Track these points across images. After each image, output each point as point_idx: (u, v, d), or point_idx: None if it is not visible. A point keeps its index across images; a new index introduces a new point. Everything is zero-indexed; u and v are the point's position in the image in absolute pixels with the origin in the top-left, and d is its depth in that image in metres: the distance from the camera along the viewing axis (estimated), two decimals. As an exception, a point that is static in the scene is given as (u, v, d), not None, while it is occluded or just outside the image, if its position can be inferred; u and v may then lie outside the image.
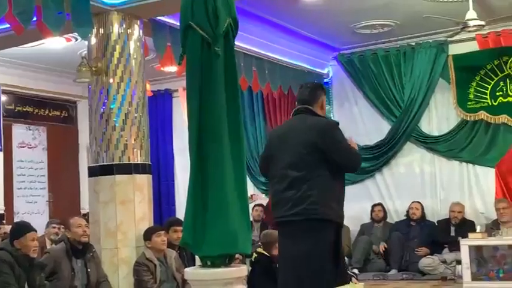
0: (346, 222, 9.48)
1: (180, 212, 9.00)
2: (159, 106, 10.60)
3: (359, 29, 8.36)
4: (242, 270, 3.54)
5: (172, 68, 8.09)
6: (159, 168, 10.45)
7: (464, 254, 7.22)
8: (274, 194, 4.31)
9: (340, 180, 4.26)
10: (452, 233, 8.24)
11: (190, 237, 3.50)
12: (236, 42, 3.74)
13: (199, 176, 3.49)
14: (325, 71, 9.50)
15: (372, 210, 8.91)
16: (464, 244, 7.28)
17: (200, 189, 3.48)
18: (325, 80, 9.55)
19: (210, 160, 3.48)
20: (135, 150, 6.02)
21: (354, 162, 4.28)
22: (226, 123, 3.51)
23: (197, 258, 4.26)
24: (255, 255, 6.39)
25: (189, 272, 3.60)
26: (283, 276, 4.24)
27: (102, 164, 5.99)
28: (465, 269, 7.13)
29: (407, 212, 8.57)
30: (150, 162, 6.23)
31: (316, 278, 4.06)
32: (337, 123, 4.37)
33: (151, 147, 6.57)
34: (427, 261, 8.04)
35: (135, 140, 6.03)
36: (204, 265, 3.52)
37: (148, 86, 7.29)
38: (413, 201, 8.59)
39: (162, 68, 8.25)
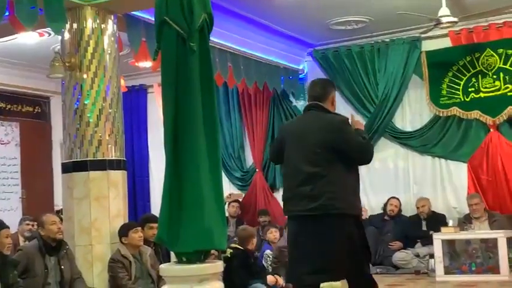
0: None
1: (155, 209, 8.97)
2: (133, 102, 10.54)
3: (334, 25, 8.40)
4: (218, 266, 3.54)
5: (147, 64, 8.05)
6: (134, 165, 10.40)
7: (437, 248, 7.33)
8: (288, 189, 4.39)
9: (355, 172, 4.38)
10: (424, 228, 8.33)
11: (166, 234, 3.49)
12: (211, 38, 3.73)
13: (174, 172, 3.48)
14: (300, 67, 9.53)
15: (347, 206, 8.95)
16: (437, 238, 7.39)
17: (176, 185, 3.48)
18: (300, 76, 9.58)
19: (186, 156, 3.47)
20: (109, 146, 5.98)
21: (367, 155, 4.37)
22: (202, 119, 3.51)
23: (172, 254, 4.26)
24: (230, 250, 6.41)
25: (164, 268, 3.59)
26: (299, 269, 4.28)
27: (76, 160, 5.93)
28: (438, 263, 7.24)
29: (385, 207, 8.64)
30: (124, 158, 6.19)
31: (334, 270, 4.18)
32: (347, 119, 4.46)
33: (126, 143, 6.52)
34: (401, 256, 8.13)
35: (109, 136, 5.99)
36: (179, 261, 3.51)
37: (122, 82, 7.24)
38: (392, 197, 8.65)
39: (136, 64, 8.21)
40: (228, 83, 8.55)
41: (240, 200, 9.55)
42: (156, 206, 9.14)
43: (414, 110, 8.97)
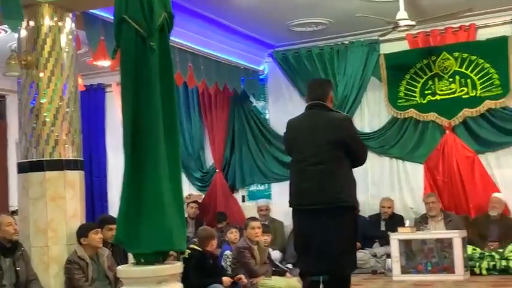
0: (280, 217, 9.63)
1: (113, 209, 8.86)
2: (91, 101, 10.40)
3: (294, 26, 8.45)
4: (177, 267, 3.52)
5: (106, 63, 7.96)
6: (92, 165, 10.27)
7: (394, 248, 7.43)
8: (297, 184, 4.62)
9: (352, 171, 4.68)
10: (383, 228, 8.44)
11: (124, 235, 3.46)
12: (171, 37, 3.71)
13: (133, 172, 3.45)
14: (260, 68, 9.55)
15: (306, 206, 9.00)
16: (394, 238, 7.49)
17: (134, 185, 3.44)
18: (260, 77, 9.61)
19: (145, 156, 3.44)
20: (66, 146, 5.89)
21: (366, 154, 4.79)
22: (162, 119, 3.48)
23: (130, 255, 4.22)
24: (188, 251, 6.38)
25: (122, 270, 3.55)
26: (308, 259, 4.59)
27: (32, 160, 5.83)
28: (395, 263, 7.33)
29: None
30: (82, 158, 6.11)
31: (343, 259, 4.50)
32: (351, 117, 4.75)
33: (84, 143, 6.43)
34: (358, 255, 8.13)
35: (66, 135, 5.90)
36: (137, 263, 3.48)
37: (80, 81, 7.13)
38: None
39: (95, 62, 8.10)
40: (188, 83, 8.51)
41: (199, 201, 9.51)
42: (114, 206, 9.04)
43: (373, 112, 9.08)
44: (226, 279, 6.23)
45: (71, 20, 6.07)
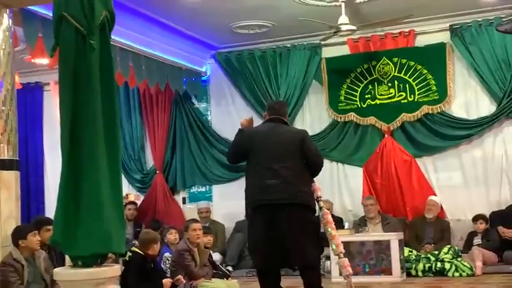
0: (221, 219, 9.61)
1: (50, 211, 8.66)
2: (28, 100, 10.13)
3: (237, 28, 8.46)
4: (115, 269, 3.47)
5: (44, 60, 7.77)
6: (28, 165, 10.00)
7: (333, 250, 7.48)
8: (260, 182, 5.05)
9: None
10: (322, 230, 8.49)
11: (61, 236, 3.39)
12: (112, 36, 3.65)
13: (71, 173, 3.38)
14: (203, 69, 9.52)
15: (247, 208, 9.01)
16: (334, 240, 7.55)
17: (72, 186, 3.37)
18: (202, 78, 9.57)
19: (84, 156, 3.38)
20: (2, 145, 5.73)
21: (322, 163, 5.37)
22: (101, 119, 3.43)
23: (67, 257, 4.13)
24: (129, 254, 6.29)
25: (59, 273, 3.47)
26: (268, 252, 5.03)
27: (-35, 159, 5.64)
28: (334, 265, 7.40)
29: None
30: (18, 158, 5.94)
31: (305, 251, 5.08)
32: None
33: (20, 142, 6.26)
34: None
35: (2, 134, 5.73)
36: (74, 265, 3.41)
37: (17, 78, 6.94)
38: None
39: (32, 60, 7.89)
40: (129, 83, 8.40)
41: (138, 202, 9.38)
42: (51, 208, 8.82)
43: (314, 115, 9.17)
44: (166, 282, 6.17)
45: (8, 16, 5.91)
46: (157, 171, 9.60)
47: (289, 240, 5.00)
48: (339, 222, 8.30)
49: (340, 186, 8.96)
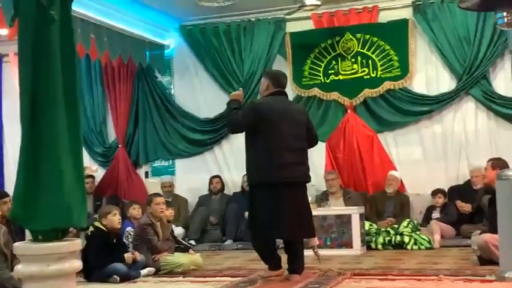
0: (184, 193, 9.59)
1: (9, 184, 8.54)
2: (-14, 71, 9.91)
3: (201, 1, 8.32)
4: (76, 244, 3.44)
5: (3, 31, 7.58)
6: (-14, 137, 9.81)
7: (296, 224, 7.54)
8: (281, 160, 5.34)
9: None
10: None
11: (21, 210, 3.34)
12: (74, 8, 3.58)
13: (31, 146, 3.33)
14: (166, 42, 9.41)
15: (210, 182, 9.03)
16: (296, 214, 7.61)
17: (32, 159, 3.32)
18: (166, 51, 9.47)
19: (44, 129, 3.33)
20: (-42, 117, 5.60)
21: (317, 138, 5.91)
22: (62, 91, 3.37)
23: (28, 232, 4.08)
24: (91, 228, 6.25)
25: (19, 247, 3.43)
26: (288, 220, 5.42)
27: None
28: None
29: (243, 184, 8.77)
30: (-24, 131, 5.82)
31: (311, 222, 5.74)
32: None
33: (-22, 114, 6.13)
34: (261, 231, 8.31)
35: (-41, 106, 5.60)
36: (35, 239, 3.38)
37: (-26, 49, 6.77)
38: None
39: (-9, 30, 7.70)
40: (91, 55, 8.27)
41: (94, 174, 9.28)
42: (10, 181, 8.69)
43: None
44: (128, 256, 6.16)
45: (-35, -16, 5.73)
46: (120, 145, 9.52)
47: (303, 214, 5.54)
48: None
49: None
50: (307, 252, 5.89)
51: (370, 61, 8.62)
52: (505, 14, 4.91)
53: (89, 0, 7.15)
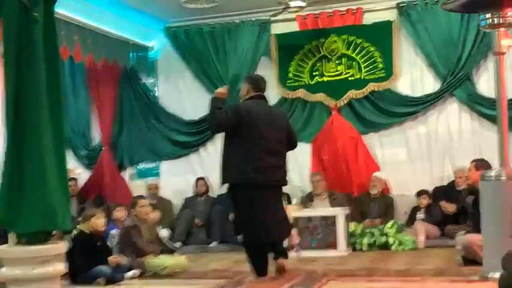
0: (169, 196, 9.55)
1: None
2: (-31, 73, 9.81)
3: (185, 3, 8.34)
4: (60, 247, 3.43)
5: (-14, 33, 7.52)
6: (-31, 140, 9.70)
7: (281, 225, 7.55)
8: (264, 163, 5.46)
9: None
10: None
11: (5, 212, 3.33)
12: (57, 9, 3.57)
13: (15, 148, 3.31)
14: (151, 44, 9.38)
15: (195, 185, 9.02)
16: (282, 216, 7.62)
17: (16, 161, 3.31)
18: (150, 53, 9.44)
19: (28, 131, 3.31)
20: None
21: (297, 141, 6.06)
22: (46, 93, 3.36)
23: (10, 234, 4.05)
24: (75, 231, 6.22)
25: (3, 250, 3.41)
26: (269, 221, 5.52)
27: None
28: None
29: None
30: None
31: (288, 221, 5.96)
32: None
33: (-40, 117, 6.07)
34: (247, 233, 8.30)
35: None
36: (19, 242, 3.35)
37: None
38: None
39: (-27, 32, 7.63)
40: (75, 57, 8.22)
41: (76, 177, 9.22)
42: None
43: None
44: (111, 260, 6.13)
45: None
46: (104, 147, 9.47)
47: (282, 215, 5.74)
48: (286, 198, 8.39)
49: (288, 162, 8.98)
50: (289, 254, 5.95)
51: (354, 63, 8.65)
52: (488, 15, 4.94)
53: (72, 2, 7.11)
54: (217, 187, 9.04)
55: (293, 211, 7.51)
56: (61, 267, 3.39)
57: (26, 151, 3.32)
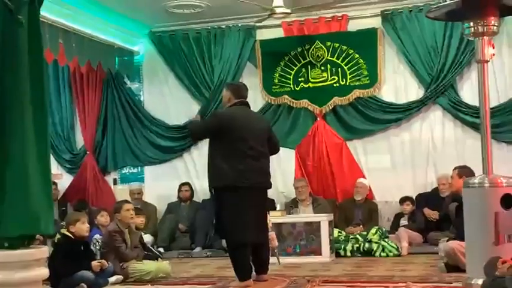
0: (153, 201, 9.51)
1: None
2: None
3: (171, 8, 8.34)
4: (43, 251, 3.40)
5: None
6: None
7: (265, 231, 7.54)
8: (250, 165, 5.52)
9: None
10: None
11: (-14, 217, 3.28)
12: (42, 13, 3.55)
13: (-3, 152, 3.28)
14: (135, 48, 9.36)
15: (179, 190, 8.99)
16: (266, 222, 7.61)
17: (-1, 166, 3.27)
18: (135, 58, 9.41)
19: (10, 135, 3.28)
20: None
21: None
22: (29, 96, 3.34)
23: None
24: (58, 236, 6.17)
25: (-16, 255, 3.36)
26: (251, 222, 5.55)
27: None
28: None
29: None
30: None
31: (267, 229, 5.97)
32: None
33: None
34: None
35: None
36: (1, 246, 3.32)
37: None
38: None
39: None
40: (59, 60, 8.18)
41: (57, 181, 9.15)
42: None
43: (248, 97, 9.12)
44: (95, 264, 6.08)
45: None
46: (88, 152, 9.42)
47: (263, 218, 5.79)
48: (270, 204, 8.39)
49: (273, 169, 8.91)
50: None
51: (339, 69, 8.68)
52: (472, 24, 4.98)
53: (57, 5, 7.08)
54: (202, 192, 9.04)
55: (277, 217, 7.51)
56: (43, 271, 3.36)
57: (9, 155, 3.28)
